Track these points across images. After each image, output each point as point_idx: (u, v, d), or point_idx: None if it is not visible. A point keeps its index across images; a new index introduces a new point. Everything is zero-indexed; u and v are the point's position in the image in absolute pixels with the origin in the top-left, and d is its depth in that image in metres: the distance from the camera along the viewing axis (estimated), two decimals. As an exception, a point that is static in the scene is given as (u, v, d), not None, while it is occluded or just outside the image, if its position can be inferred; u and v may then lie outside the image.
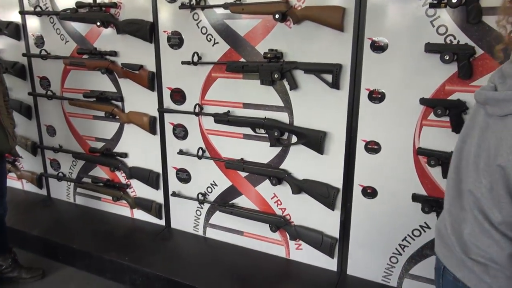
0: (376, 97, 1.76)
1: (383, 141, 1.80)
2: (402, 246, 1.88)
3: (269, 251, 2.24)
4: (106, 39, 2.38)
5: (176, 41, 2.16)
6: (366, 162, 1.86)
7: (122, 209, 2.71)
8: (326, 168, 1.95)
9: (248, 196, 2.23)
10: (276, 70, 1.90)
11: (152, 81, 2.30)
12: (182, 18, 2.10)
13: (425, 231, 1.82)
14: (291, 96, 1.95)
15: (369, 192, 1.89)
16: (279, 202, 2.14)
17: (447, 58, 1.56)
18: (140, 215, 2.64)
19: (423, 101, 1.66)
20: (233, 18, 1.98)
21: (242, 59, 2.02)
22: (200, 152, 2.25)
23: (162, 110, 2.32)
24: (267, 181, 2.12)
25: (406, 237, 1.86)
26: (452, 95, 1.63)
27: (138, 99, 2.40)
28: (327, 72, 1.81)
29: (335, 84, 1.80)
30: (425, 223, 1.81)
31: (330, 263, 2.07)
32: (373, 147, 1.83)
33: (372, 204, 1.90)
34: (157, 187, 2.50)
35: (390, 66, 1.70)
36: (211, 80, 2.13)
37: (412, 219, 1.83)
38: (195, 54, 2.09)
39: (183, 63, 2.14)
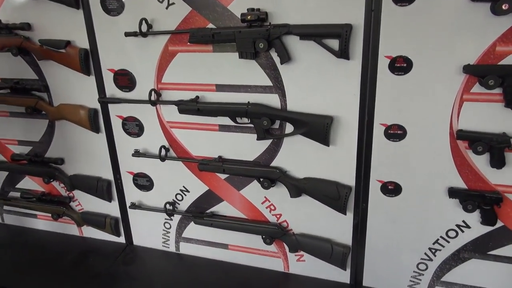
0: (400, 66, 1.31)
1: (409, 124, 1.38)
2: (434, 250, 1.52)
3: (263, 265, 1.81)
4: (13, 7, 1.71)
5: (114, 4, 1.55)
6: (386, 152, 1.44)
7: (67, 227, 2.14)
8: (334, 163, 1.51)
9: (231, 202, 1.75)
10: (260, 38, 1.38)
11: (86, 62, 1.69)
12: (118, -30, 1.50)
13: (463, 231, 1.46)
14: (282, 72, 1.45)
15: (391, 189, 1.48)
16: (272, 207, 1.69)
17: (505, 7, 1.13)
18: (92, 232, 2.09)
19: (468, 68, 1.23)
20: (193, -33, 1.41)
21: (210, 25, 1.47)
22: (163, 152, 1.72)
23: (104, 100, 1.73)
24: (254, 183, 1.65)
25: (438, 239, 1.49)
26: (505, 59, 1.21)
27: (70, 87, 1.79)
28: (332, 36, 1.33)
29: (343, 53, 1.32)
30: (463, 221, 1.44)
31: (341, 275, 1.68)
32: (395, 133, 1.40)
33: (394, 203, 1.50)
34: (109, 199, 1.95)
35: (420, 22, 1.24)
36: (168, 56, 1.57)
37: (447, 218, 1.46)
38: (143, 22, 1.51)
39: (126, 34, 1.55)
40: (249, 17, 1.36)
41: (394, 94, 1.35)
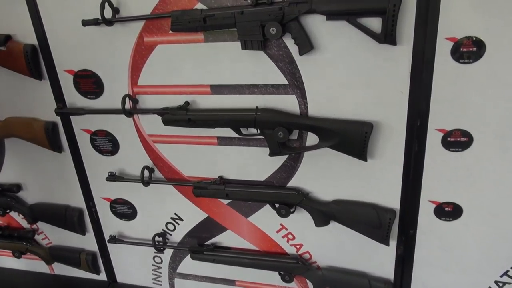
0: (468, 52, 0.95)
1: (477, 128, 1.02)
2: (501, 284, 1.19)
3: (280, 303, 1.46)
4: None
5: (63, -19, 1.14)
6: (443, 166, 1.08)
7: (35, 263, 1.74)
8: (373, 180, 1.16)
9: (238, 231, 1.38)
10: (271, 20, 0.99)
11: (35, 61, 1.27)
12: None
13: (540, 261, 1.13)
14: (301, 65, 1.07)
15: (448, 211, 1.14)
16: (290, 237, 1.33)
17: None
18: (65, 269, 1.70)
19: None
20: None
21: (199, 5, 1.07)
22: (146, 174, 1.33)
23: (64, 112, 1.32)
24: (266, 207, 1.29)
25: (508, 271, 1.17)
26: None
27: (18, 96, 1.37)
28: (374, 14, 0.95)
29: (388, 36, 0.95)
30: (543, 250, 1.11)
31: (380, 314, 1.34)
32: (457, 140, 1.04)
33: (451, 228, 1.16)
34: (82, 231, 1.56)
35: (500, -11, 0.88)
36: (144, 50, 1.17)
37: (522, 246, 1.13)
38: (105, 4, 1.10)
39: (85, 23, 1.14)
40: (255, -9, 0.97)
41: (458, 89, 0.99)
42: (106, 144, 1.36)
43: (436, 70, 0.98)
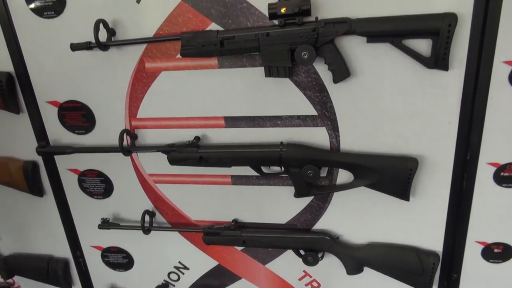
0: (529, 76, 0.83)
1: (535, 161, 0.90)
2: (554, 330, 1.06)
3: None
4: None
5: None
6: (494, 202, 0.96)
7: (9, 321, 1.49)
8: (413, 221, 1.01)
9: (254, 279, 1.20)
10: (302, 43, 0.84)
11: (10, 92, 1.07)
12: None
13: None
14: (332, 94, 0.92)
15: (498, 253, 1.01)
16: (315, 284, 1.17)
17: None
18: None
19: None
20: None
21: (213, 26, 0.90)
22: (147, 219, 1.14)
23: (46, 151, 1.11)
24: (287, 253, 1.12)
25: None
26: None
27: (-11, 132, 1.15)
28: (422, 35, 0.82)
29: (440, 60, 0.82)
30: None
31: None
32: (512, 175, 0.92)
33: (501, 271, 1.03)
34: (68, 285, 1.33)
35: None
36: (146, 77, 0.99)
37: None
38: (100, 25, 0.92)
39: (74, 47, 0.95)
40: (283, 9, 0.82)
41: (515, 119, 0.87)
42: (98, 185, 1.16)
43: (491, 97, 0.86)
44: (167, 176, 1.10)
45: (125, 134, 1.03)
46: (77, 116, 1.07)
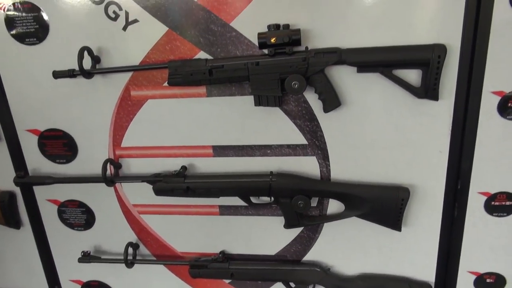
0: (518, 107, 0.83)
1: (525, 191, 0.90)
2: None
3: None
4: None
5: (29, 24, 0.92)
6: (486, 232, 0.95)
7: None
8: (405, 251, 0.99)
9: (242, 313, 1.15)
10: (293, 72, 0.83)
11: (-12, 121, 1.02)
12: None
13: None
14: (323, 123, 0.91)
15: (490, 283, 1.00)
16: (305, 317, 1.12)
17: None
18: None
19: None
20: (170, -42, 0.83)
21: (202, 54, 0.89)
22: (130, 251, 1.09)
23: (25, 182, 1.06)
24: (277, 285, 1.08)
25: None
26: None
27: (-36, 161, 1.09)
28: (412, 66, 0.82)
29: (430, 90, 0.82)
30: None
31: None
32: (502, 204, 0.92)
33: (494, 302, 1.01)
34: (45, 321, 1.25)
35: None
36: (131, 105, 0.96)
37: None
38: (85, 52, 0.89)
39: (57, 75, 0.92)
40: (273, 39, 0.81)
41: (505, 148, 0.87)
42: (79, 216, 1.11)
43: (480, 127, 0.86)
44: (152, 207, 1.06)
45: (108, 164, 0.99)
46: (59, 144, 1.03)
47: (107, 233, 1.11)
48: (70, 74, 0.91)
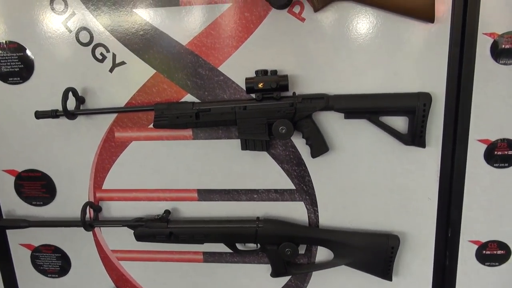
0: (504, 155, 0.86)
1: (516, 239, 0.91)
2: None
3: None
4: None
5: (12, 62, 0.93)
6: (477, 282, 0.95)
7: None
8: (396, 303, 0.98)
9: None
10: (280, 117, 0.85)
11: (-37, 160, 1.00)
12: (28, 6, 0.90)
13: None
14: (311, 168, 0.92)
15: (485, 336, 0.98)
16: None
17: None
18: None
19: None
20: (161, 6, 0.86)
21: (189, 97, 0.90)
22: (107, 301, 1.05)
23: (-2, 224, 1.03)
24: (263, 338, 1.05)
25: None
26: None
27: None
28: (399, 113, 0.84)
29: (417, 137, 0.84)
30: None
31: None
32: (493, 254, 0.92)
33: None
34: None
35: (535, 90, 0.81)
36: (114, 147, 0.97)
37: None
38: (69, 93, 0.90)
39: (39, 115, 0.92)
40: (260, 84, 0.83)
41: (493, 196, 0.89)
42: (53, 262, 1.07)
43: (468, 174, 0.88)
44: (132, 253, 1.03)
45: (88, 207, 0.98)
46: (36, 186, 1.01)
47: (83, 280, 1.08)
48: (52, 114, 0.91)
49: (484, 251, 0.92)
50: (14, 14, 0.91)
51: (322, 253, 0.97)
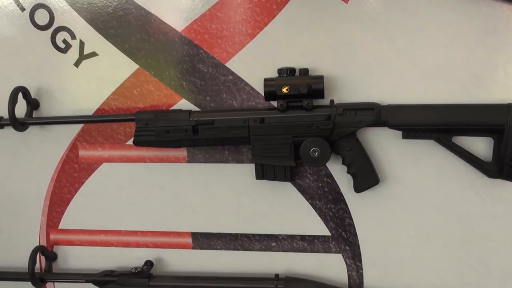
0: None
1: None
2: None
3: None
4: None
5: None
6: None
7: None
8: None
9: None
10: (312, 135, 0.80)
11: None
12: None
13: None
14: (352, 206, 0.88)
15: None
16: None
17: None
18: None
19: None
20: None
21: (183, 102, 0.87)
22: None
23: None
24: None
25: None
26: None
27: None
28: (479, 132, 0.80)
29: (505, 166, 0.77)
30: None
31: None
32: None
33: None
34: None
35: None
36: (78, 170, 0.96)
37: None
38: (19, 95, 0.88)
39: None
40: (285, 88, 0.78)
41: None
42: (-12, 329, 1.01)
43: None
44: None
45: (39, 254, 0.94)
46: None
47: None
48: (-7, 123, 0.87)
49: None
50: None
51: (366, 326, 0.90)
